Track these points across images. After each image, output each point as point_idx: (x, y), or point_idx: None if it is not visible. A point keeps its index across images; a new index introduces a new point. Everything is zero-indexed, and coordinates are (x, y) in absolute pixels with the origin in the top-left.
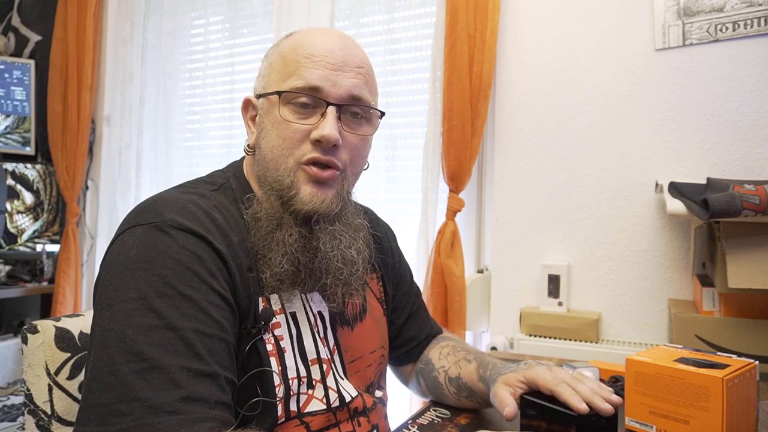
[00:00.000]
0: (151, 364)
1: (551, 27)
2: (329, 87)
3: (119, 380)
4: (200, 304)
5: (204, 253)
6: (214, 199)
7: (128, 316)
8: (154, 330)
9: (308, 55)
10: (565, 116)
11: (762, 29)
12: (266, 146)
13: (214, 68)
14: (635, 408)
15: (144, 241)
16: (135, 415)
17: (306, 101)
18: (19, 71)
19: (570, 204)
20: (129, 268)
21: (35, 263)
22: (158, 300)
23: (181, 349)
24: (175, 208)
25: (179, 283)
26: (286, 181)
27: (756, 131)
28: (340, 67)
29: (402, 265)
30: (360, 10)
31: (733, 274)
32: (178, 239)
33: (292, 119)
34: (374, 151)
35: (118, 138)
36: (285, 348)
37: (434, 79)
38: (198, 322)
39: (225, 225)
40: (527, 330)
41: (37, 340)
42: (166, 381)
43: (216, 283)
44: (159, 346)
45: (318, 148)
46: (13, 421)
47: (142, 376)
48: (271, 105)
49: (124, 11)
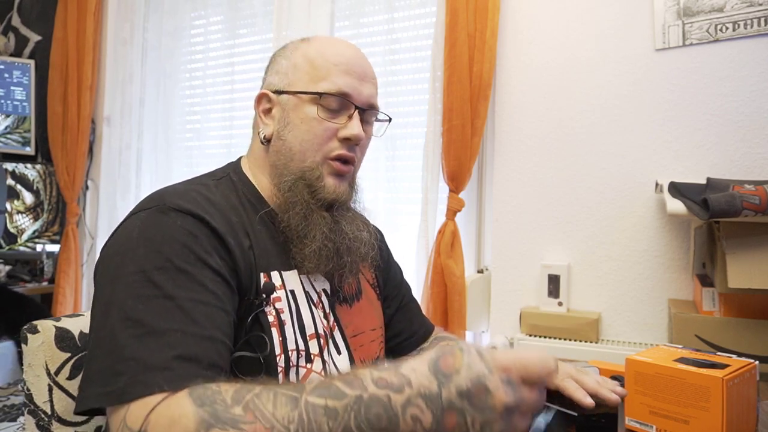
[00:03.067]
0: (148, 329)
1: (551, 27)
2: (356, 94)
3: (118, 345)
4: (197, 278)
5: (200, 232)
6: (215, 188)
7: (128, 287)
8: (152, 299)
9: (338, 63)
10: (565, 116)
11: (762, 29)
12: (293, 139)
13: (214, 68)
14: (635, 408)
15: (146, 222)
16: (130, 373)
17: (335, 104)
18: (19, 71)
19: (570, 204)
20: (131, 247)
21: (35, 263)
22: (157, 273)
23: (178, 315)
24: (176, 194)
25: (176, 259)
26: (315, 172)
27: (756, 131)
28: (363, 77)
29: (391, 259)
30: (360, 10)
31: (733, 274)
32: (177, 220)
33: (324, 117)
34: (374, 152)
35: (118, 138)
36: (285, 321)
37: (434, 79)
38: (194, 293)
39: (225, 208)
40: (527, 330)
41: (37, 340)
42: (162, 343)
43: (211, 260)
44: (156, 314)
45: (345, 146)
46: (13, 421)
47: (139, 339)
48: (300, 102)
49: (124, 12)
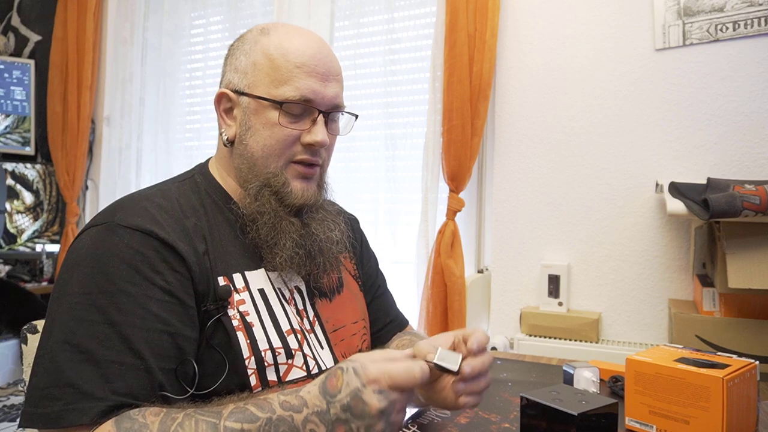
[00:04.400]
0: (87, 356)
1: (551, 27)
2: (319, 99)
3: (58, 368)
4: (140, 300)
5: (148, 248)
6: (174, 191)
7: (72, 309)
8: (94, 324)
9: (300, 64)
10: (565, 116)
11: (762, 29)
12: (255, 144)
13: (214, 68)
14: (635, 408)
15: (94, 241)
16: (66, 400)
17: (298, 110)
18: (19, 71)
19: (570, 204)
20: (78, 264)
21: (35, 263)
22: (100, 296)
23: (118, 344)
24: (127, 207)
25: (120, 280)
26: (281, 178)
27: (756, 131)
28: (326, 77)
29: (367, 248)
30: (360, 10)
31: (733, 274)
32: (124, 238)
33: (286, 124)
34: (374, 152)
35: (118, 138)
36: (253, 322)
37: (434, 79)
38: (136, 317)
39: (180, 212)
40: (527, 330)
41: (37, 339)
42: (100, 374)
43: (158, 279)
44: (97, 341)
45: (307, 151)
46: (13, 421)
47: (78, 366)
48: (261, 107)
49: (124, 11)
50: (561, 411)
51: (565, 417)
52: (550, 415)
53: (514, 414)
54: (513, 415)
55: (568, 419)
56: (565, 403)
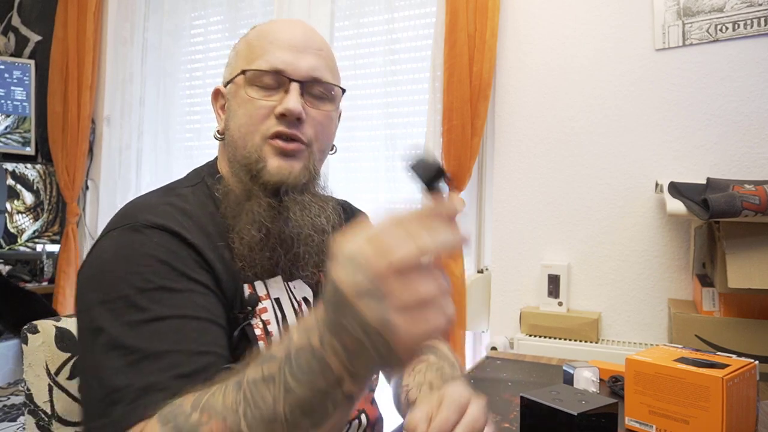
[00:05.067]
0: (142, 354)
1: (551, 27)
2: (292, 69)
3: (107, 374)
4: (182, 293)
5: (178, 248)
6: (190, 196)
7: (113, 314)
8: (140, 324)
9: (272, 40)
10: (565, 116)
11: (762, 29)
12: (234, 126)
13: (214, 68)
14: (635, 408)
15: (120, 243)
16: (126, 400)
17: (270, 82)
18: (19, 71)
19: (570, 204)
20: (107, 270)
21: (35, 263)
22: (138, 296)
23: (171, 335)
24: (149, 209)
25: (156, 277)
26: (254, 156)
27: (756, 131)
28: (302, 49)
29: None
30: (360, 10)
31: (733, 274)
32: (153, 237)
33: (257, 97)
34: (374, 152)
35: (118, 138)
36: (272, 332)
37: (434, 79)
38: (181, 309)
39: (202, 219)
40: (527, 330)
41: (37, 340)
42: (160, 366)
43: (194, 274)
44: (147, 339)
45: (282, 122)
46: (13, 421)
47: (134, 366)
48: (237, 87)
49: (124, 11)
50: (561, 411)
51: (565, 417)
52: (550, 415)
53: (514, 414)
54: (513, 415)
55: (568, 419)
56: (565, 403)
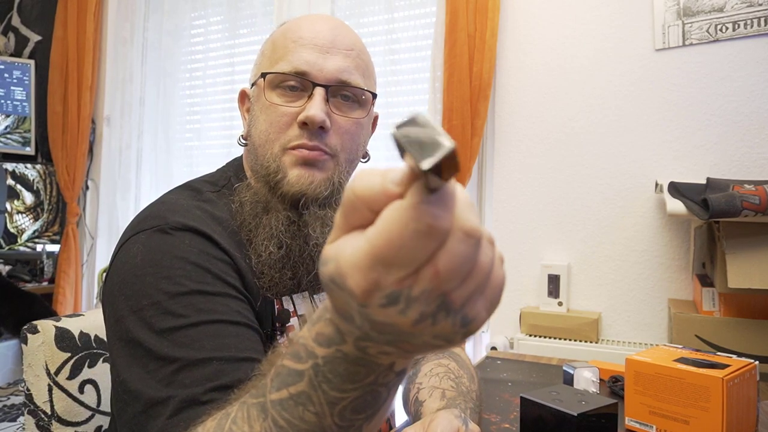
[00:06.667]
0: (181, 364)
1: (551, 27)
2: (316, 70)
3: (146, 387)
4: (217, 297)
5: (212, 250)
6: (219, 201)
7: (148, 324)
8: (176, 332)
9: (296, 38)
10: (565, 116)
11: (762, 29)
12: (255, 133)
13: (214, 68)
14: (635, 408)
15: (148, 246)
16: (167, 413)
17: (294, 84)
18: (19, 71)
19: (570, 204)
20: (137, 275)
21: (35, 263)
22: (172, 302)
23: (209, 342)
24: (179, 211)
25: (190, 281)
26: (273, 166)
27: (756, 131)
28: (328, 49)
29: None
30: (360, 10)
31: (733, 274)
32: (184, 239)
33: (280, 102)
34: (374, 152)
35: (118, 138)
36: None
37: (434, 79)
38: (217, 314)
39: (233, 226)
40: (527, 330)
41: (37, 340)
42: (199, 376)
43: (229, 278)
44: (185, 347)
45: (305, 133)
46: (13, 421)
47: (174, 377)
48: (259, 91)
49: (124, 11)
50: (561, 411)
51: (565, 417)
52: (550, 416)
53: (514, 414)
54: (513, 415)
55: (568, 419)
56: (564, 403)
